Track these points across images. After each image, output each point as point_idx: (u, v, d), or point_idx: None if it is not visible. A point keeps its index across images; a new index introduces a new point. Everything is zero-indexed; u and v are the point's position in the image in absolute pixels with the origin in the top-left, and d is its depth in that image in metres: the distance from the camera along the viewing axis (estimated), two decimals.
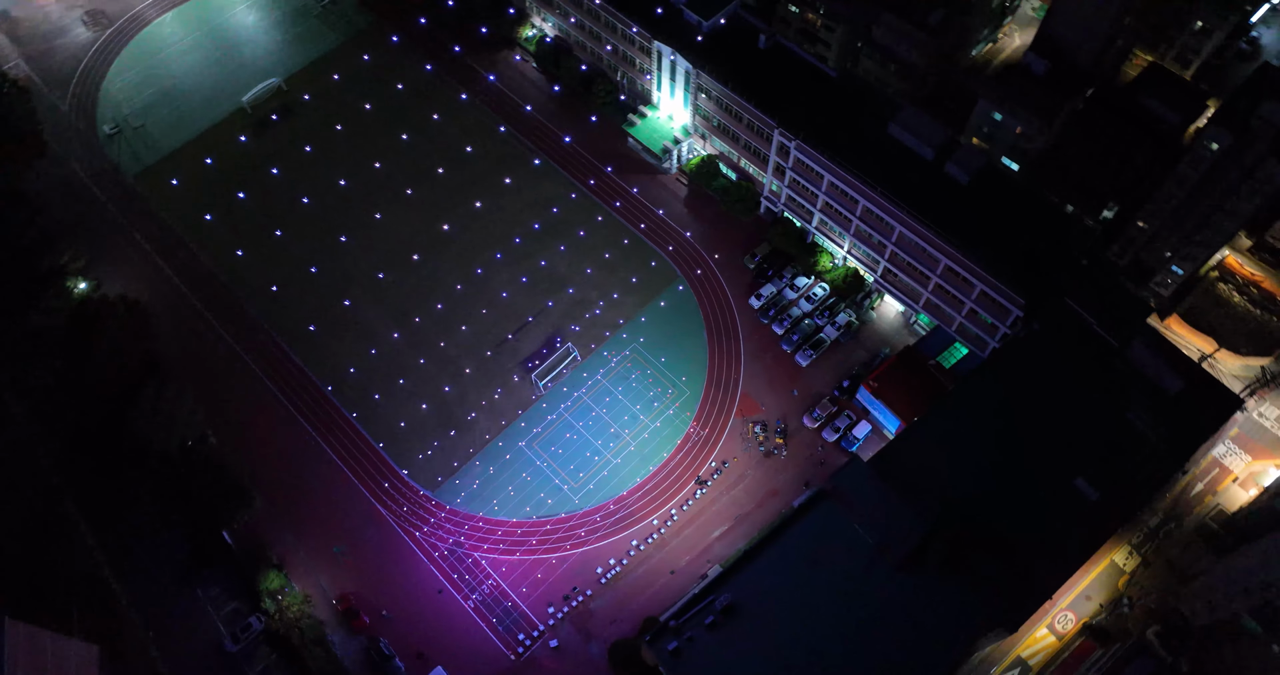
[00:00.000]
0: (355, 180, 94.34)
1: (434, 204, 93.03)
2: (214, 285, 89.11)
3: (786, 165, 78.98)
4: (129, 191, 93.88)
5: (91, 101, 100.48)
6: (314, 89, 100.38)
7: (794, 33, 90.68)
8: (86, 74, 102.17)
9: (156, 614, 72.83)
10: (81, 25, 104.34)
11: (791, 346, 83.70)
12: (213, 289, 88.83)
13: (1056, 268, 69.57)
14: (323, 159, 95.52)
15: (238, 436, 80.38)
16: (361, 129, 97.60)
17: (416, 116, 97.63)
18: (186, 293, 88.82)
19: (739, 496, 78.40)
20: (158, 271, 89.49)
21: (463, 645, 72.74)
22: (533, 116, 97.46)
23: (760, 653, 56.89)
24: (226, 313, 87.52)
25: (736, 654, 57.02)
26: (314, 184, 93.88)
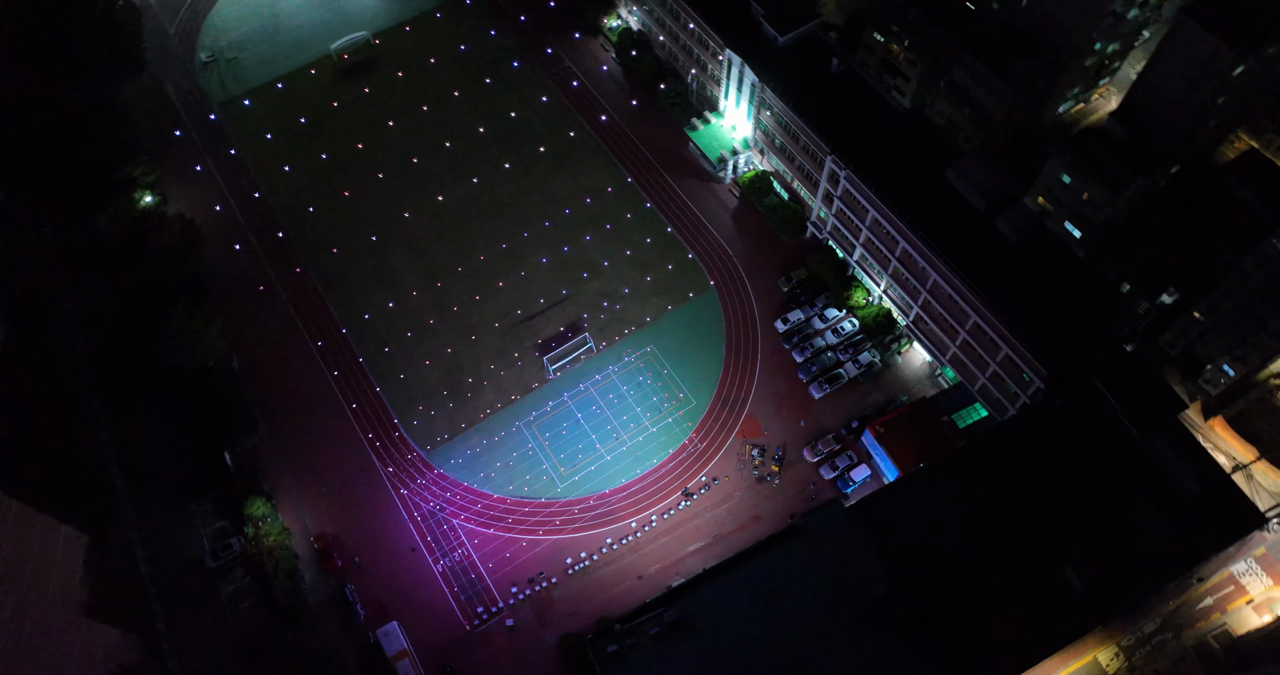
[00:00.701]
0: (413, 139, 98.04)
1: (482, 174, 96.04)
2: (267, 218, 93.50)
3: (835, 193, 78.33)
4: (213, 119, 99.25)
5: (196, 29, 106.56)
6: (399, 47, 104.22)
7: (875, 62, 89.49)
8: (197, 1, 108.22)
9: (149, 518, 77.41)
10: None
11: (808, 376, 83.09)
12: (265, 222, 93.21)
13: (1093, 345, 67.07)
14: (389, 115, 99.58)
15: (257, 366, 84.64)
16: (433, 93, 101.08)
17: (490, 89, 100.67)
18: (241, 222, 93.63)
19: (722, 516, 78.45)
20: (219, 198, 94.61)
21: (423, 606, 75.05)
22: (601, 105, 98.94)
23: (697, 673, 57.11)
24: (272, 247, 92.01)
25: (673, 670, 57.37)
26: (376, 137, 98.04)
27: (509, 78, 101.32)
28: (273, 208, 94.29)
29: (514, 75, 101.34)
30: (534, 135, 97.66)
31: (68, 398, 77.76)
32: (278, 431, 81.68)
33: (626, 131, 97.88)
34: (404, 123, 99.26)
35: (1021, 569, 60.81)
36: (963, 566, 60.53)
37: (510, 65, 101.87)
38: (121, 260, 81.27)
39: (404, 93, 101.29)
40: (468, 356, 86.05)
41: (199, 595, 74.97)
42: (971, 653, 56.85)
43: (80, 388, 79.51)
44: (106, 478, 76.85)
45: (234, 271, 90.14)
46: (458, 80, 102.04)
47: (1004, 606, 59.23)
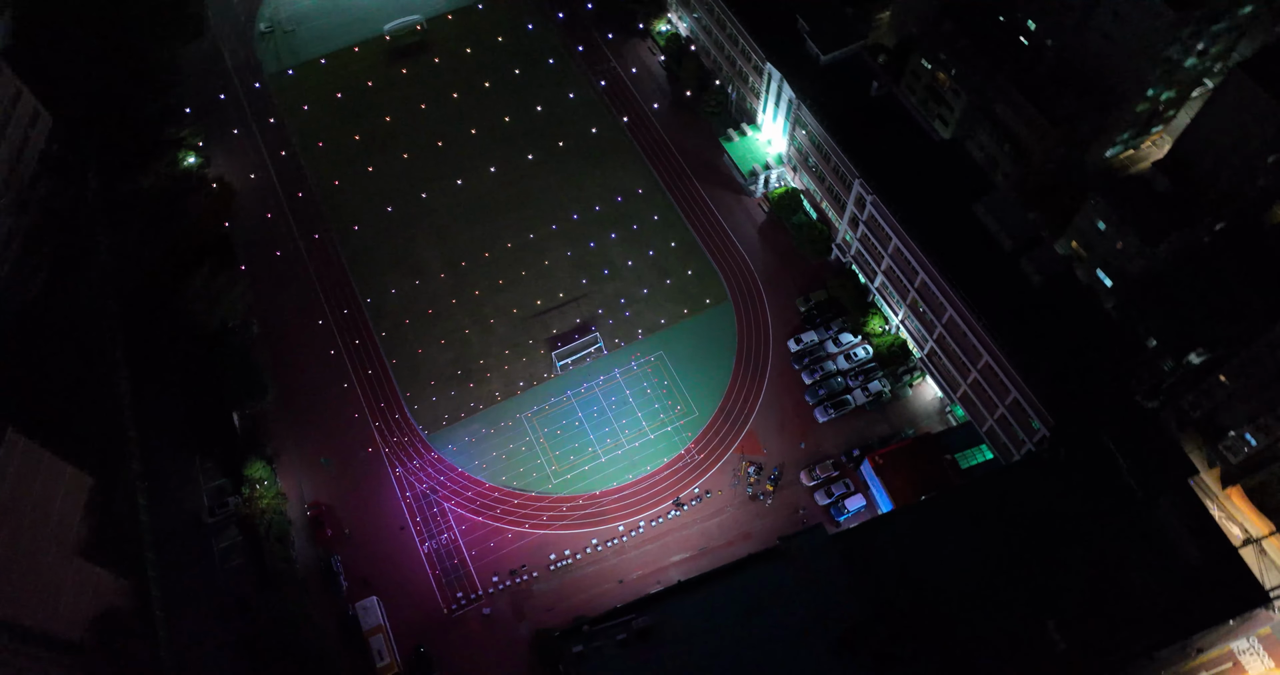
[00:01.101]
0: (453, 123, 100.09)
1: (515, 164, 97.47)
2: (300, 189, 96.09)
3: (861, 218, 77.97)
4: (261, 88, 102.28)
5: None
6: (447, 33, 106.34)
7: (921, 88, 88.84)
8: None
9: (155, 468, 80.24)
10: None
11: (815, 399, 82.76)
12: (298, 193, 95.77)
13: (1106, 398, 65.73)
14: (431, 98, 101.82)
15: (275, 332, 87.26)
16: (476, 80, 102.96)
17: (530, 82, 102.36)
18: (276, 190, 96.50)
19: (710, 529, 78.55)
20: (258, 165, 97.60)
21: (405, 584, 76.52)
22: (642, 107, 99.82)
23: None
24: (303, 217, 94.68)
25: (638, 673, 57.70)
26: (417, 118, 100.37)
27: (552, 73, 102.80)
28: (307, 179, 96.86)
29: (557, 71, 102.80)
30: (571, 131, 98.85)
31: (93, 345, 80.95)
32: (287, 398, 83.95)
33: (663, 135, 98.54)
34: (440, 108, 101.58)
35: (1003, 618, 59.85)
36: (943, 607, 59.81)
37: (555, 61, 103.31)
38: (158, 217, 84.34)
39: (445, 78, 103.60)
40: (481, 342, 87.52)
41: (192, 548, 77.45)
42: None
43: (106, 337, 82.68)
44: (120, 425, 79.81)
45: (263, 237, 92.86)
46: (501, 71, 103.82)
47: (980, 654, 58.38)
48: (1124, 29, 73.29)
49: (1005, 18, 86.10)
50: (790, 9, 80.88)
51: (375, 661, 70.60)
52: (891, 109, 78.14)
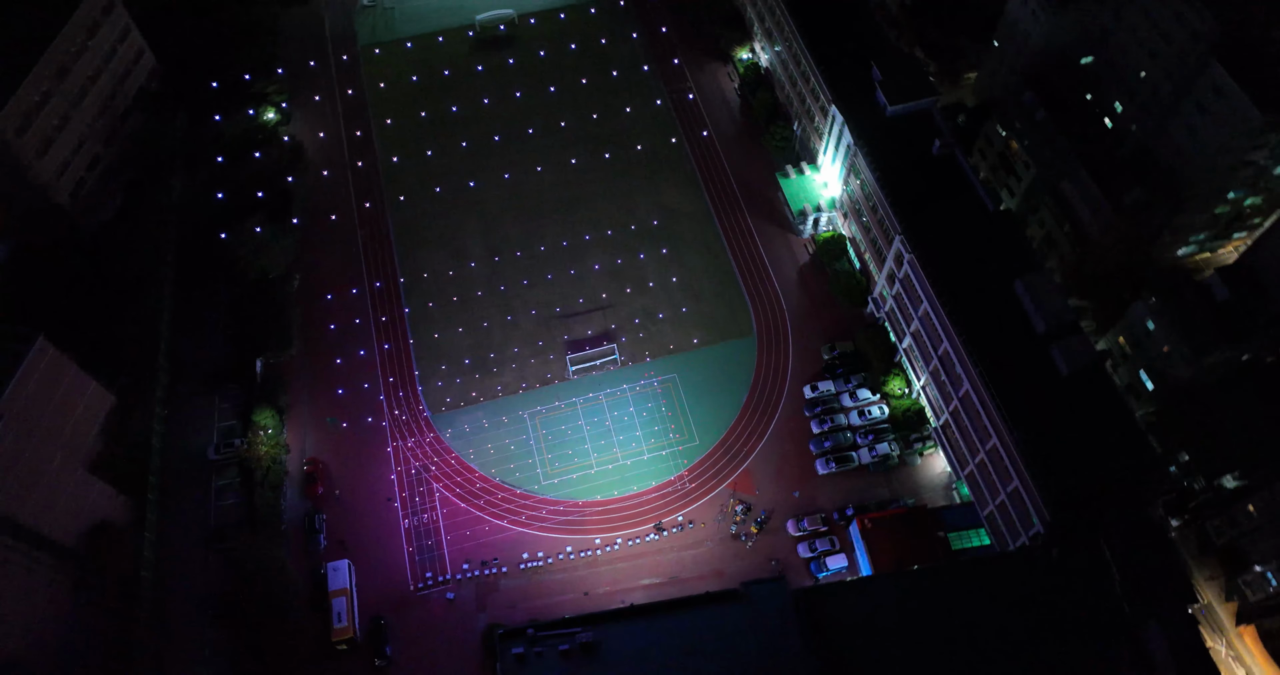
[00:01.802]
0: (515, 120, 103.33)
1: (568, 168, 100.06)
2: (366, 161, 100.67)
3: (898, 275, 77.25)
4: (350, 60, 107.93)
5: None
6: (534, 32, 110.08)
7: (993, 155, 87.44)
8: None
9: (175, 399, 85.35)
10: None
11: (819, 450, 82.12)
12: (363, 164, 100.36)
13: (1115, 506, 63.24)
14: (500, 93, 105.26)
15: (312, 290, 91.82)
16: (547, 81, 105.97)
17: (602, 89, 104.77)
18: (344, 157, 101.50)
19: (685, 560, 78.67)
20: (332, 132, 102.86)
21: (379, 554, 79.12)
22: (708, 130, 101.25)
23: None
24: (361, 187, 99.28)
25: None
26: (481, 110, 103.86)
27: (623, 84, 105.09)
28: (372, 153, 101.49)
29: (628, 83, 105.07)
30: (630, 144, 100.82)
31: (147, 275, 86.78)
32: (309, 355, 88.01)
33: (722, 161, 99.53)
34: (506, 104, 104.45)
35: None
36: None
37: (629, 73, 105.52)
38: (229, 163, 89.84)
39: (518, 76, 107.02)
40: (500, 335, 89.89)
41: (193, 480, 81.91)
42: None
43: (160, 269, 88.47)
44: (153, 354, 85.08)
45: (321, 200, 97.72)
46: (573, 76, 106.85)
47: None
48: (1209, 126, 70.76)
49: (1093, 95, 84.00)
50: (868, 55, 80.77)
51: (334, 622, 73.00)
52: (951, 170, 77.20)
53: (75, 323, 78.85)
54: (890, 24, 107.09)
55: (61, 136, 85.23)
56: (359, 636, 74.04)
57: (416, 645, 74.70)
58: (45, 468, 66.69)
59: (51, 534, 68.33)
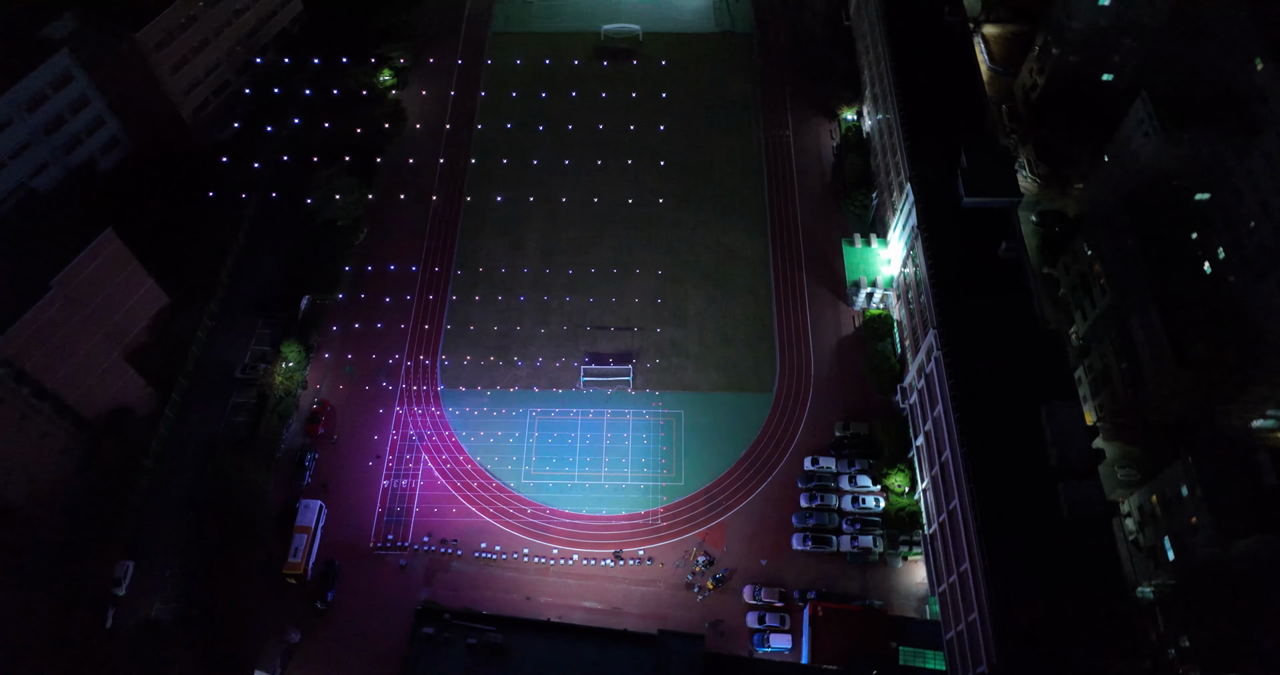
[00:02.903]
0: (609, 131, 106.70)
1: (646, 188, 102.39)
2: (460, 143, 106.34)
3: (926, 370, 75.24)
4: (479, 42, 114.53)
5: None
6: (654, 52, 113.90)
7: (1075, 273, 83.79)
8: None
9: (224, 315, 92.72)
10: None
11: (800, 524, 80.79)
12: (460, 143, 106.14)
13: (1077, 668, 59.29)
14: (603, 103, 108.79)
15: (372, 248, 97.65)
16: (652, 102, 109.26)
17: (704, 120, 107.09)
18: (442, 133, 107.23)
19: (631, 594, 78.92)
20: (439, 105, 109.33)
21: (352, 505, 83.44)
22: (793, 181, 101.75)
23: None
24: (448, 168, 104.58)
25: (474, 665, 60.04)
26: (580, 115, 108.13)
27: (727, 118, 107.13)
28: (471, 132, 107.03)
29: (731, 120, 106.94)
30: (714, 177, 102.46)
31: (235, 197, 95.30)
32: (351, 306, 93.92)
33: (797, 214, 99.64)
34: (606, 114, 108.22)
35: None
36: None
37: (734, 111, 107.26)
38: (336, 113, 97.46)
39: (625, 91, 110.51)
40: (528, 333, 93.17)
41: (215, 392, 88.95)
42: None
43: (249, 193, 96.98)
44: (217, 270, 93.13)
45: (406, 168, 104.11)
46: (678, 102, 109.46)
47: None
48: None
49: (1199, 235, 79.22)
50: (963, 141, 79.16)
51: (289, 555, 77.50)
52: (1012, 276, 74.61)
53: (161, 226, 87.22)
54: (1012, 116, 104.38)
55: (198, 58, 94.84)
56: (309, 576, 78.07)
57: (357, 599, 78.13)
58: (83, 345, 74.30)
59: (74, 404, 75.95)
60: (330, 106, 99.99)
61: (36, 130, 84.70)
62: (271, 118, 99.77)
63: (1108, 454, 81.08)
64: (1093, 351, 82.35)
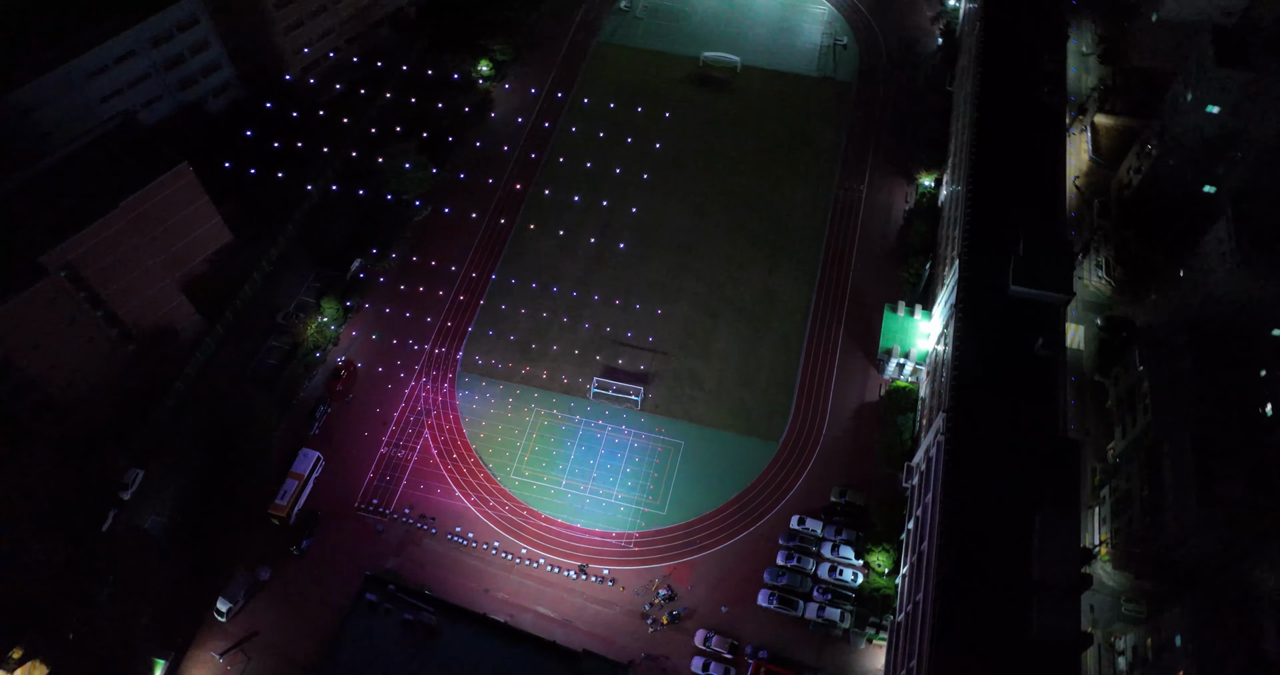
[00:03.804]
0: (684, 157, 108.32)
1: (705, 216, 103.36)
2: (541, 140, 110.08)
3: (930, 453, 73.29)
4: (581, 50, 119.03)
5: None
6: (748, 86, 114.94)
7: (1124, 386, 79.86)
8: None
9: (283, 260, 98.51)
10: None
11: (771, 581, 79.79)
12: (537, 141, 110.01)
13: None
14: (685, 130, 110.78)
15: (433, 221, 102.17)
16: (735, 135, 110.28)
17: (781, 162, 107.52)
18: (523, 130, 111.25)
19: (586, 610, 79.76)
20: (528, 104, 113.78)
21: (347, 463, 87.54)
22: (855, 238, 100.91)
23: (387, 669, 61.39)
24: (523, 164, 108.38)
25: (379, 650, 62.29)
26: (661, 137, 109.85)
27: (804, 163, 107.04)
28: (551, 135, 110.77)
29: (810, 164, 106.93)
30: (775, 218, 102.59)
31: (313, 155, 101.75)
32: (398, 271, 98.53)
33: (850, 271, 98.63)
34: (685, 140, 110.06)
35: None
36: None
37: (813, 158, 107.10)
38: (425, 90, 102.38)
39: (711, 120, 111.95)
40: (553, 332, 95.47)
41: (255, 332, 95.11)
42: None
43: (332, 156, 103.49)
44: (287, 218, 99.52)
45: (483, 155, 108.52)
46: (760, 140, 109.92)
47: None
48: None
49: (1267, 372, 74.20)
50: (1028, 227, 76.54)
51: (278, 497, 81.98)
52: (1043, 376, 71.66)
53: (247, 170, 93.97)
54: (1103, 212, 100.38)
55: (314, 22, 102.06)
56: (291, 520, 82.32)
57: (328, 553, 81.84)
58: (141, 264, 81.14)
59: (124, 317, 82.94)
60: (423, 85, 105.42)
61: (157, 65, 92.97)
62: (369, 87, 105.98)
63: (1116, 584, 76.62)
64: (1121, 472, 77.97)
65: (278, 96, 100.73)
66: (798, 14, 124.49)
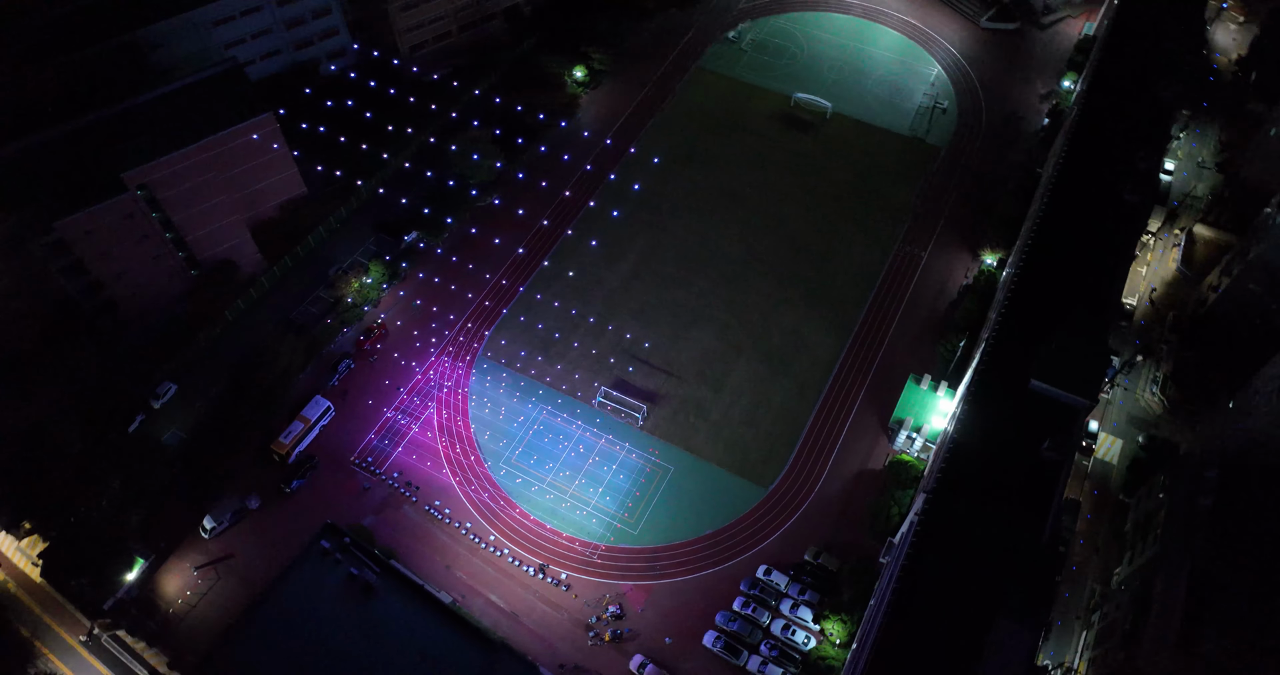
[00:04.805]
0: (751, 190, 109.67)
1: (755, 252, 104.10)
2: (616, 151, 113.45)
3: (904, 535, 71.75)
4: (682, 71, 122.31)
5: (752, 15, 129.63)
6: (832, 133, 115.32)
7: (1143, 510, 75.98)
8: (775, 2, 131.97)
9: (350, 219, 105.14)
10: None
11: (721, 624, 79.61)
12: (612, 152, 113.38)
13: None
14: (767, 163, 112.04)
15: (494, 210, 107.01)
16: (812, 177, 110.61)
17: (850, 210, 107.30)
18: (608, 139, 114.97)
19: (535, 608, 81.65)
20: (612, 114, 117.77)
21: (353, 421, 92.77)
22: (903, 302, 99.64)
23: (327, 627, 66.56)
24: (595, 174, 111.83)
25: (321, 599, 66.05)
26: (731, 168, 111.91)
27: (870, 219, 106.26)
28: (627, 147, 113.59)
29: (874, 221, 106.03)
30: (825, 268, 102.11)
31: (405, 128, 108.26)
32: (447, 248, 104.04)
33: (887, 334, 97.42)
34: (754, 174, 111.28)
35: None
36: None
37: (883, 213, 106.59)
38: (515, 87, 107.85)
39: (785, 160, 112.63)
40: (576, 333, 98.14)
41: (307, 280, 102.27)
42: None
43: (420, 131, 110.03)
44: (361, 181, 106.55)
45: (553, 157, 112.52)
46: (831, 190, 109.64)
47: None
48: None
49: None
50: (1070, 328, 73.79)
51: (282, 435, 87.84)
52: (1043, 479, 68.99)
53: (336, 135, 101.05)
54: (1175, 327, 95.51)
55: (428, 5, 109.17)
56: (290, 459, 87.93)
57: (315, 498, 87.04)
58: (214, 199, 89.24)
59: (191, 243, 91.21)
60: (516, 80, 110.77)
61: (279, 22, 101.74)
62: (468, 76, 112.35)
63: None
64: (1114, 598, 73.82)
65: (384, 72, 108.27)
66: (906, 72, 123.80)
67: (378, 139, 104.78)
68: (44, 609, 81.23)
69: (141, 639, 78.09)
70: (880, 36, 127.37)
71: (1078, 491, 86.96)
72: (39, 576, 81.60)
